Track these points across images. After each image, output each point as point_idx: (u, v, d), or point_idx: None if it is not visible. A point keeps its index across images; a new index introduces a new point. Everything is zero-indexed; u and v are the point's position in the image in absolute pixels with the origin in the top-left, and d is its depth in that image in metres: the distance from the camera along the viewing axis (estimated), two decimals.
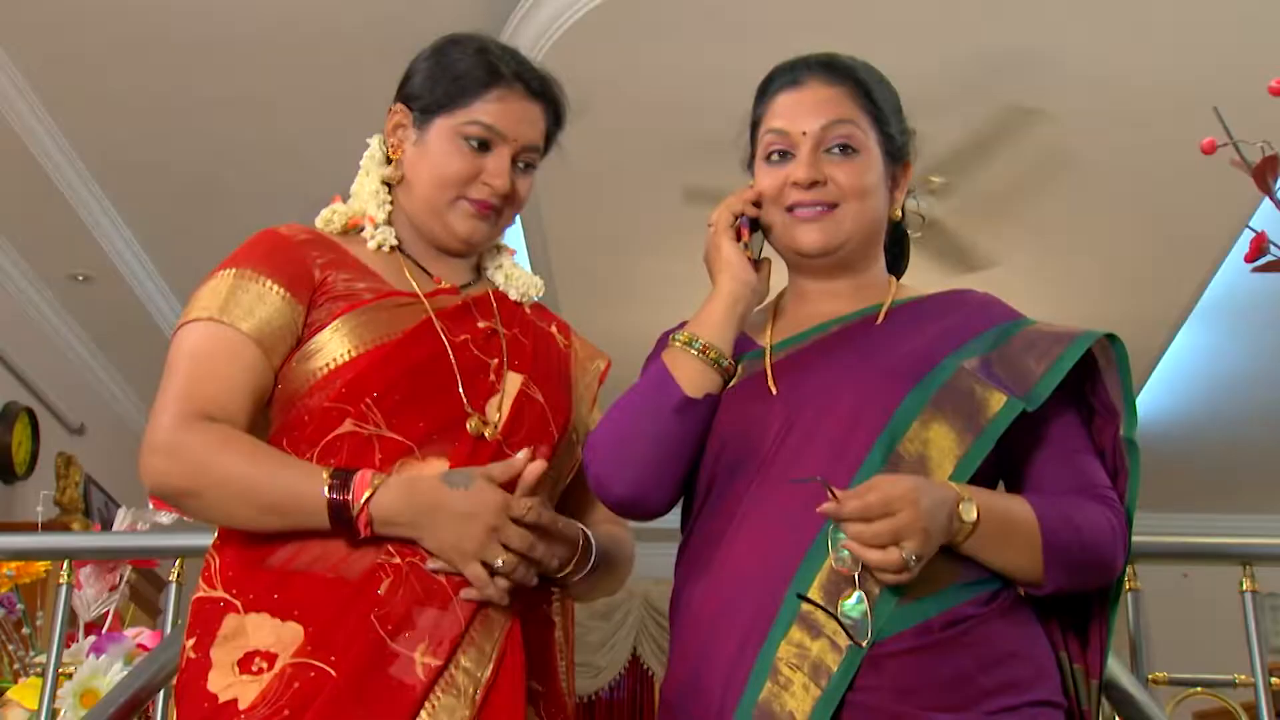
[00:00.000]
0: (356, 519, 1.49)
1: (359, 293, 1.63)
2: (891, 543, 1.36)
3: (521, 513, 1.51)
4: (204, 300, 1.61)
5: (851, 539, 1.38)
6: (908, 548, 1.36)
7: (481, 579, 1.51)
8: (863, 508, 1.37)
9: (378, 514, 1.50)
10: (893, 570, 1.38)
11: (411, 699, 1.45)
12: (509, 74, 1.70)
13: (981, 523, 1.43)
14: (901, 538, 1.36)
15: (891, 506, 1.36)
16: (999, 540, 1.45)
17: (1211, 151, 1.38)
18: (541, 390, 1.69)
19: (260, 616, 1.50)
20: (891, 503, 1.37)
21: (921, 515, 1.37)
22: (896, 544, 1.37)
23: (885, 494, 1.37)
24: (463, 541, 1.50)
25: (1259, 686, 2.13)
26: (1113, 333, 1.57)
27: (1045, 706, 1.46)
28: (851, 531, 1.38)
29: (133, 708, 2.08)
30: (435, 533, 1.50)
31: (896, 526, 1.36)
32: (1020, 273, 5.24)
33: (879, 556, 1.37)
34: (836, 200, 1.59)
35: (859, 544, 1.38)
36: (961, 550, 1.45)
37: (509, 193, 1.70)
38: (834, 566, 1.42)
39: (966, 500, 1.43)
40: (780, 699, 1.40)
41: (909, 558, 1.36)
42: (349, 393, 1.57)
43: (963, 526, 1.42)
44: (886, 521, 1.36)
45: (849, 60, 1.66)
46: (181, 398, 1.55)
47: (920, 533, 1.37)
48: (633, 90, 4.16)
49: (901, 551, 1.36)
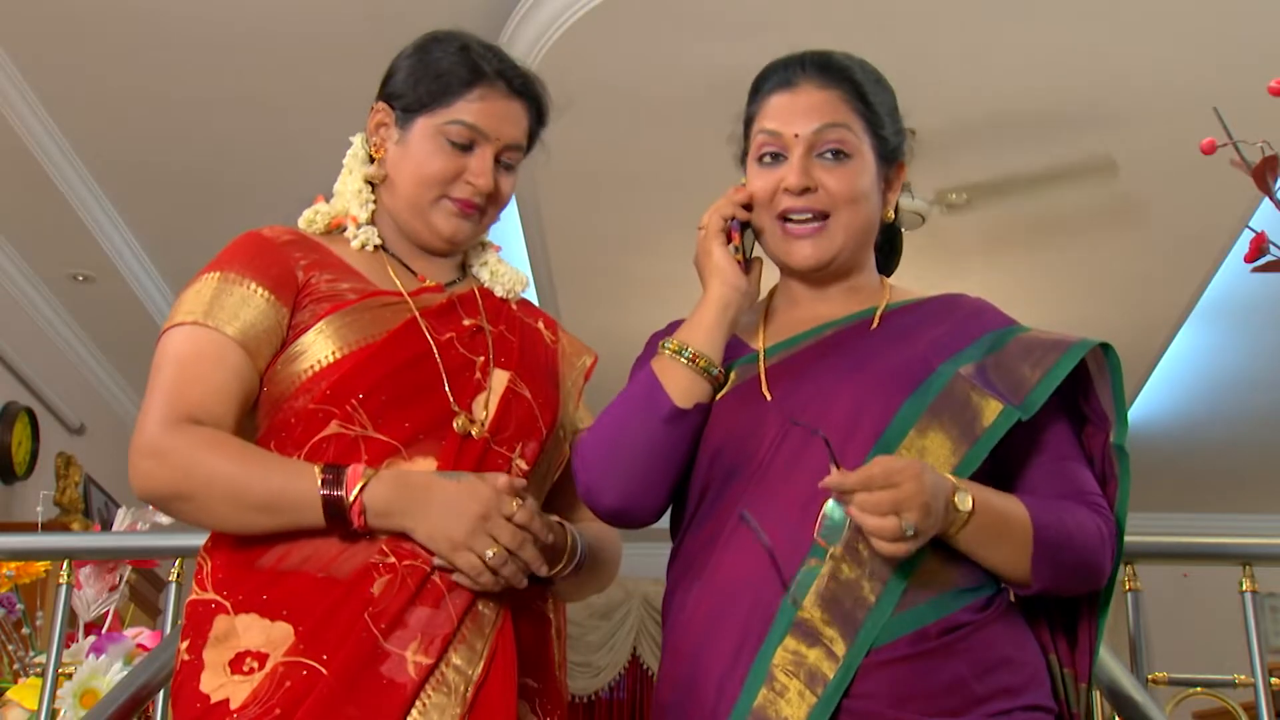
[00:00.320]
0: (350, 510, 1.49)
1: (343, 293, 1.64)
2: (891, 512, 1.36)
3: (511, 512, 1.51)
4: (189, 304, 1.61)
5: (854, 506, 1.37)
6: (907, 518, 1.36)
7: (475, 567, 1.50)
8: (865, 479, 1.37)
9: (371, 505, 1.50)
10: (889, 537, 1.37)
11: (402, 697, 1.45)
12: (491, 72, 1.70)
13: (976, 514, 1.43)
14: (902, 509, 1.36)
15: (894, 478, 1.36)
16: (992, 534, 1.45)
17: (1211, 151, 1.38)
18: (529, 387, 1.69)
19: (250, 617, 1.50)
20: (894, 474, 1.37)
21: (924, 489, 1.37)
22: (896, 514, 1.36)
23: (888, 466, 1.37)
24: (452, 529, 1.50)
25: (1259, 686, 2.13)
26: (1106, 342, 1.57)
27: (1037, 711, 1.47)
28: (854, 500, 1.37)
29: (132, 708, 2.08)
30: (426, 521, 1.50)
31: (898, 497, 1.36)
32: (1021, 273, 5.24)
33: (877, 522, 1.36)
34: (827, 209, 1.58)
35: (858, 511, 1.37)
36: (954, 543, 1.45)
37: (492, 192, 1.70)
38: (818, 537, 1.41)
39: (962, 490, 1.43)
40: (776, 705, 1.40)
41: (907, 528, 1.36)
42: (334, 394, 1.57)
43: (958, 516, 1.42)
44: (888, 491, 1.36)
45: (844, 59, 1.65)
46: (168, 402, 1.55)
47: (921, 506, 1.37)
48: (632, 89, 4.16)
49: (901, 520, 1.36)
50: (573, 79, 4.34)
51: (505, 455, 1.63)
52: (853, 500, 1.37)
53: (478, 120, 1.68)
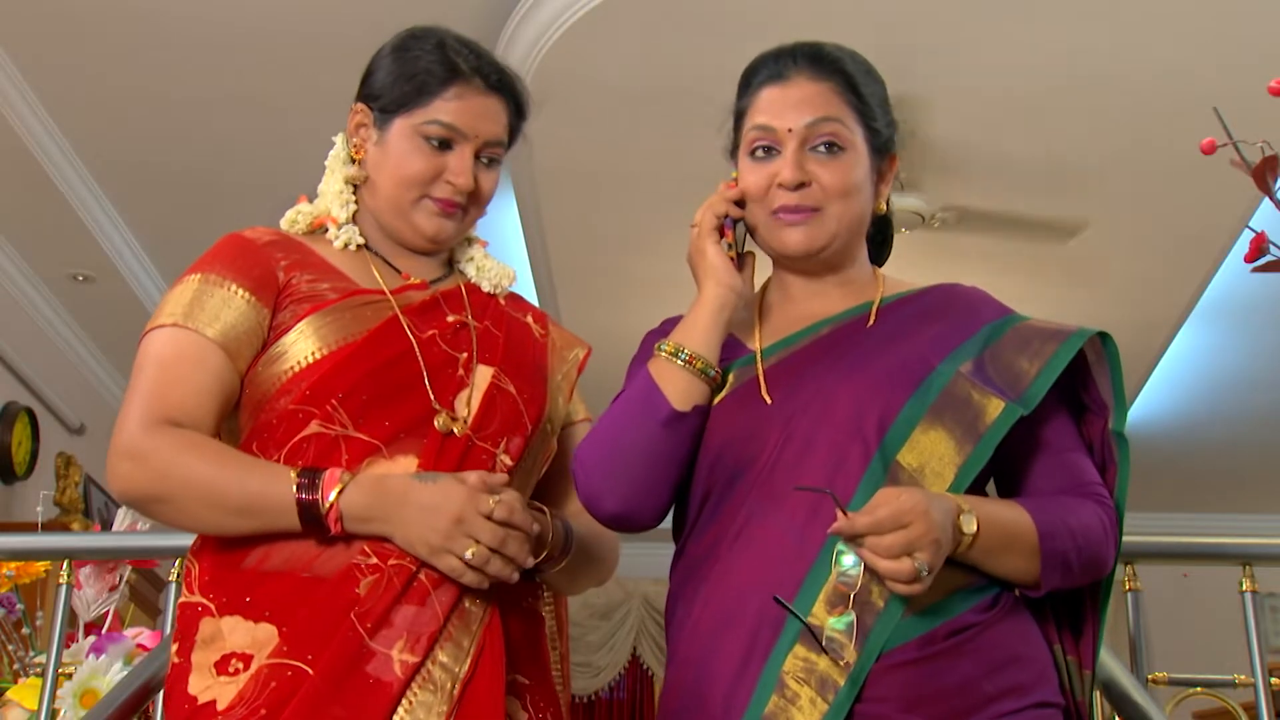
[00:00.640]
0: (326, 516, 1.49)
1: (323, 293, 1.63)
2: (904, 554, 1.36)
3: (489, 509, 1.50)
4: (170, 306, 1.61)
5: (865, 549, 1.37)
6: (920, 559, 1.36)
7: (456, 570, 1.50)
8: (874, 523, 1.36)
9: (347, 510, 1.50)
10: (904, 580, 1.37)
11: (388, 696, 1.45)
12: (467, 70, 1.69)
13: (981, 534, 1.43)
14: (914, 549, 1.36)
15: (903, 519, 1.36)
16: (998, 549, 1.45)
17: (1211, 151, 1.38)
18: (514, 382, 1.68)
19: (234, 619, 1.51)
20: (903, 515, 1.36)
21: (934, 527, 1.37)
22: (909, 555, 1.36)
23: (896, 508, 1.36)
24: (429, 534, 1.49)
25: (1259, 686, 2.13)
26: (1103, 330, 1.57)
27: (1047, 708, 1.47)
28: (865, 544, 1.37)
29: (132, 708, 2.08)
30: (403, 526, 1.50)
31: (910, 538, 1.36)
32: (1021, 273, 5.24)
33: (892, 566, 1.36)
34: (820, 204, 1.58)
35: (871, 554, 1.37)
36: (961, 559, 1.45)
37: (473, 190, 1.69)
38: (838, 584, 1.41)
39: (966, 512, 1.43)
40: (788, 712, 1.39)
41: (921, 568, 1.36)
42: (314, 394, 1.57)
43: (964, 539, 1.42)
44: (899, 534, 1.36)
45: (836, 51, 1.64)
46: (147, 403, 1.55)
47: (933, 544, 1.37)
48: (632, 89, 4.16)
49: (914, 562, 1.36)
50: (573, 79, 4.35)
51: (489, 451, 1.62)
52: (864, 544, 1.37)
53: (455, 119, 1.67)
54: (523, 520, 1.53)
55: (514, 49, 4.04)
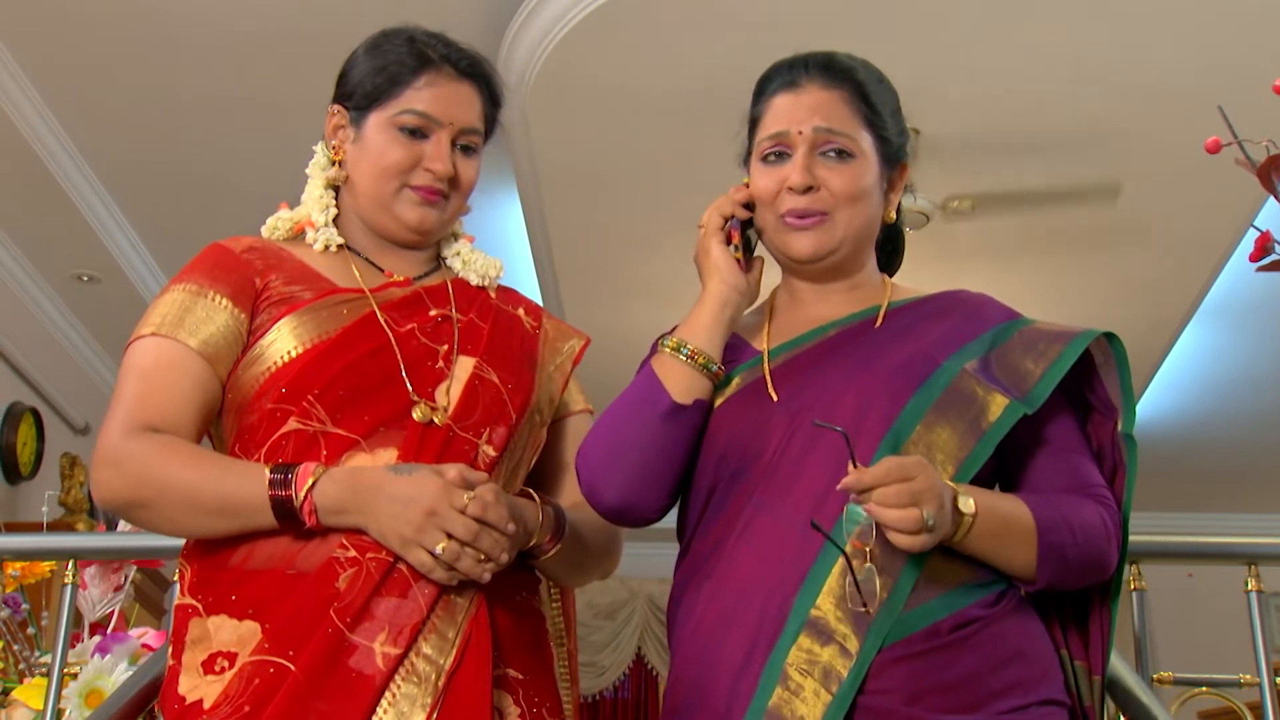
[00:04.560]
0: (300, 510, 1.50)
1: (297, 295, 1.65)
2: (911, 504, 1.37)
3: (462, 504, 1.48)
4: (153, 316, 1.63)
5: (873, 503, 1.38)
6: (926, 509, 1.37)
7: (425, 564, 1.49)
8: (881, 474, 1.37)
9: (321, 503, 1.50)
10: (910, 529, 1.37)
11: (371, 689, 1.45)
12: (437, 58, 1.70)
13: (979, 518, 1.44)
14: (919, 501, 1.37)
15: (908, 472, 1.37)
16: (996, 536, 1.46)
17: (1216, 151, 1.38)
18: (498, 371, 1.68)
19: (220, 618, 1.52)
20: (907, 468, 1.38)
21: (937, 483, 1.39)
22: (915, 505, 1.37)
23: (900, 462, 1.38)
24: (401, 526, 1.48)
25: (1264, 686, 2.13)
26: (1110, 332, 1.57)
27: (1051, 705, 1.47)
28: (873, 496, 1.37)
29: (137, 708, 2.08)
30: (377, 519, 1.50)
31: (915, 488, 1.37)
32: (1023, 274, 5.24)
33: (899, 514, 1.36)
34: (829, 208, 1.59)
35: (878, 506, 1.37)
36: (960, 548, 1.45)
37: (453, 176, 1.70)
38: (846, 536, 1.41)
39: (963, 494, 1.44)
40: (791, 704, 1.40)
41: (928, 518, 1.36)
42: (290, 392, 1.58)
43: (962, 520, 1.43)
44: (905, 485, 1.37)
45: (848, 60, 1.66)
46: (128, 411, 1.57)
47: (936, 497, 1.38)
48: (635, 89, 4.16)
49: (921, 510, 1.36)
50: (576, 80, 4.36)
51: (471, 441, 1.61)
52: (870, 497, 1.37)
53: (428, 107, 1.68)
54: (497, 517, 1.50)
55: (517, 50, 4.05)
